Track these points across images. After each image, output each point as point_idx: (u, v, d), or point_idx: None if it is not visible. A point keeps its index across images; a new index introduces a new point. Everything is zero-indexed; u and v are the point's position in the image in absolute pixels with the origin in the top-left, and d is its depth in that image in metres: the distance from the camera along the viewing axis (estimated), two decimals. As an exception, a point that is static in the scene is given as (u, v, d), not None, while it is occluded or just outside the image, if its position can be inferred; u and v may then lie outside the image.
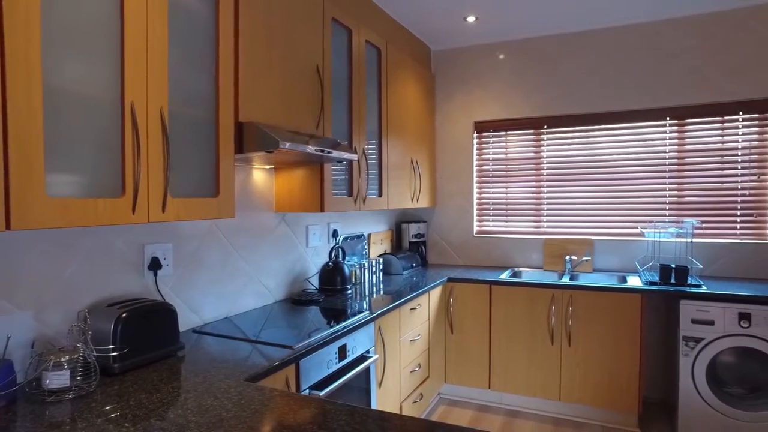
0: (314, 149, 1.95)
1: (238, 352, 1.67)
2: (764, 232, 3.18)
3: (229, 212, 1.73)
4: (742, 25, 3.16)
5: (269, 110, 1.96)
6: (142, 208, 1.38)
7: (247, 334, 1.91)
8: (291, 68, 2.10)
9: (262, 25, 1.92)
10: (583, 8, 3.18)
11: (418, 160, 3.57)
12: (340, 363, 1.99)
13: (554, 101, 3.63)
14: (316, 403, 1.24)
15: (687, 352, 2.78)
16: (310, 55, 2.24)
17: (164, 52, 1.45)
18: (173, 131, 1.52)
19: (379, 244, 3.61)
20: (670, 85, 3.33)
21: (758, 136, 3.18)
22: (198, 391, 1.32)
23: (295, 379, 1.71)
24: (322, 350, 1.86)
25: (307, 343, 1.78)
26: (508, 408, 3.27)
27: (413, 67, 3.46)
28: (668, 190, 3.37)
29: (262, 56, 1.92)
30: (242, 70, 1.81)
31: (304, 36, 2.19)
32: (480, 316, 3.26)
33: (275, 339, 1.82)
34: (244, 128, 1.81)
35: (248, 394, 1.29)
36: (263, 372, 1.51)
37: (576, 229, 3.60)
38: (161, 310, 1.60)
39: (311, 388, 1.79)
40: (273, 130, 1.84)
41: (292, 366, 1.68)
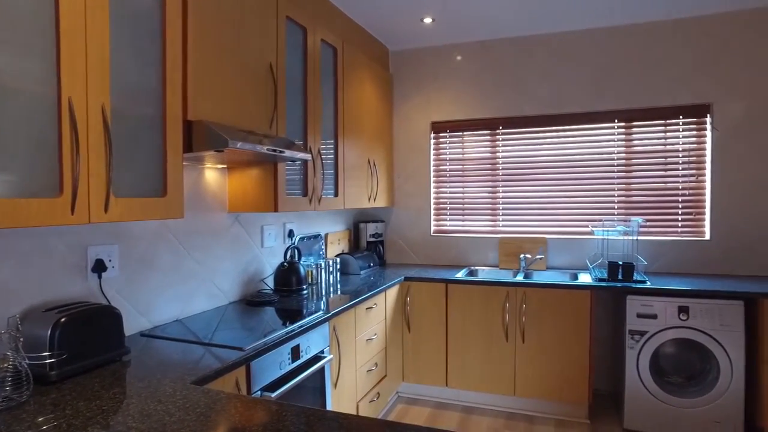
0: (266, 149, 1.92)
1: (187, 355, 1.64)
2: (702, 229, 3.35)
3: (177, 212, 1.69)
4: (683, 35, 3.32)
5: (220, 109, 1.93)
6: (81, 209, 1.33)
7: (198, 336, 1.87)
8: (243, 66, 2.07)
9: (212, 22, 1.88)
10: (537, 13, 3.26)
11: (376, 160, 3.58)
12: (294, 364, 1.98)
13: (509, 103, 3.71)
14: (264, 404, 1.22)
15: (632, 345, 2.90)
16: (264, 53, 2.21)
17: (105, 46, 1.40)
18: (117, 129, 1.47)
19: (337, 244, 3.60)
20: (619, 88, 3.47)
21: (696, 140, 3.35)
22: (141, 397, 1.28)
23: (246, 380, 1.68)
24: (275, 351, 1.84)
25: (258, 344, 1.76)
26: (464, 405, 3.32)
27: (371, 67, 3.47)
28: (617, 190, 3.51)
29: (213, 53, 1.89)
30: (191, 67, 1.77)
31: (257, 34, 2.16)
32: (437, 315, 3.30)
33: (226, 341, 1.79)
34: (193, 127, 1.77)
35: (194, 397, 1.27)
36: (211, 374, 1.48)
37: (530, 228, 3.70)
38: (104, 314, 1.55)
39: (263, 390, 1.77)
40: (223, 129, 1.81)
41: (242, 368, 1.65)
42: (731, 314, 2.74)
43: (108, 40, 1.41)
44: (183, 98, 1.75)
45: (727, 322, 2.74)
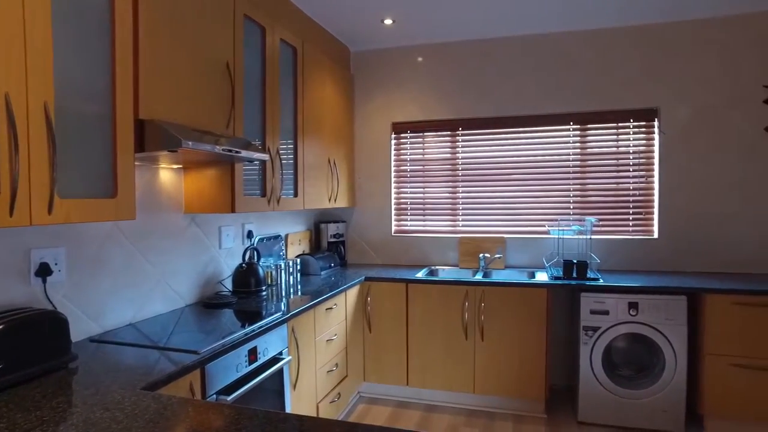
0: (221, 149, 1.89)
1: (139, 360, 1.59)
2: (651, 228, 3.49)
3: (128, 213, 1.64)
4: (633, 42, 3.46)
5: (174, 107, 1.89)
6: (22, 210, 1.28)
7: (152, 340, 1.82)
8: (199, 65, 2.03)
9: (165, 19, 1.84)
10: (496, 17, 3.33)
11: (336, 160, 3.58)
12: (251, 366, 1.96)
13: (469, 104, 3.77)
14: (217, 408, 1.21)
15: (586, 340, 2.99)
16: (220, 52, 2.18)
17: (47, 42, 1.35)
18: (62, 127, 1.42)
19: (297, 244, 3.58)
20: (574, 92, 3.58)
21: (645, 142, 3.49)
22: (87, 405, 1.24)
23: (201, 384, 1.65)
24: (231, 353, 1.82)
25: (214, 347, 1.73)
26: (425, 403, 3.36)
27: (331, 67, 3.46)
28: (572, 190, 3.61)
29: (166, 51, 1.84)
30: (143, 64, 1.73)
31: (213, 32, 2.12)
32: (397, 315, 3.32)
33: (181, 344, 1.75)
34: (145, 126, 1.73)
35: (144, 403, 1.24)
36: (164, 379, 1.45)
37: (489, 228, 3.77)
38: (48, 320, 1.49)
39: (219, 393, 1.75)
40: (177, 128, 1.77)
41: (197, 371, 1.62)
42: (675, 309, 2.87)
43: (50, 35, 1.36)
44: (134, 97, 1.70)
45: (672, 316, 2.87)
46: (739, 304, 2.80)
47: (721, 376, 2.84)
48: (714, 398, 2.86)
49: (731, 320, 2.81)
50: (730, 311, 2.81)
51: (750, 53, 3.29)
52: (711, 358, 2.85)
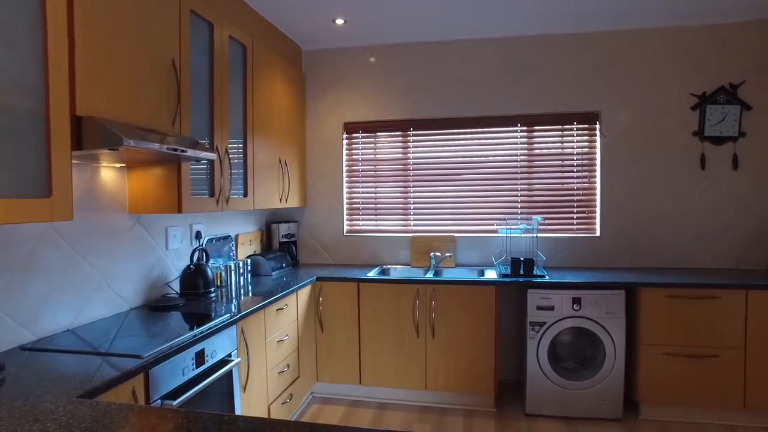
0: (165, 147, 1.85)
1: (76, 368, 1.53)
2: (594, 227, 3.66)
3: (65, 214, 1.57)
4: (577, 48, 3.60)
5: (115, 104, 1.82)
6: (-56, 211, 1.21)
7: (92, 346, 1.75)
8: (142, 61, 1.97)
9: (104, 11, 1.77)
10: (447, 20, 3.38)
11: (287, 160, 3.55)
12: (198, 369, 1.92)
13: (420, 105, 3.82)
14: (160, 413, 1.18)
15: (533, 335, 3.10)
16: (166, 48, 2.12)
17: (-26, 34, 1.28)
18: (-11, 123, 1.35)
19: (248, 245, 3.52)
20: (521, 94, 3.69)
21: (588, 144, 3.64)
22: (15, 417, 1.18)
23: (144, 389, 1.60)
24: (177, 357, 1.77)
25: (158, 351, 1.68)
26: (378, 401, 3.38)
27: (282, 65, 3.42)
28: (520, 190, 3.73)
29: (106, 45, 1.78)
30: (79, 58, 1.66)
31: (157, 27, 2.06)
32: (349, 314, 3.33)
33: (124, 349, 1.70)
34: (83, 123, 1.66)
35: (80, 412, 1.19)
36: (103, 386, 1.40)
37: (440, 227, 3.84)
38: (-24, 326, 1.41)
39: (164, 398, 1.70)
40: (117, 126, 1.71)
41: (139, 376, 1.58)
42: (615, 303, 3.01)
43: (-23, 26, 1.28)
44: (70, 92, 1.63)
45: (612, 309, 3.02)
46: (671, 297, 2.98)
47: (654, 365, 3.01)
48: (648, 385, 3.03)
49: (664, 312, 2.99)
50: (663, 304, 2.99)
51: (680, 63, 3.50)
52: (646, 348, 3.02)
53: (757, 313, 2.91)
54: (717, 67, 3.46)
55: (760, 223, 3.46)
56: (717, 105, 3.46)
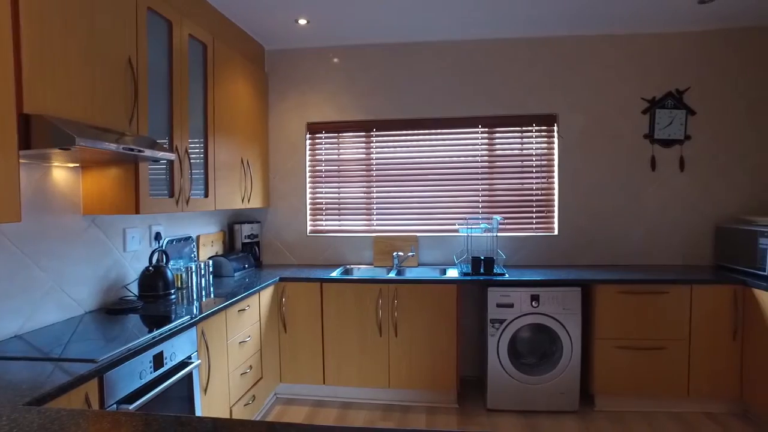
0: (122, 147, 1.81)
1: (23, 374, 1.49)
2: (552, 226, 3.77)
3: (11, 215, 1.53)
4: (537, 52, 3.71)
5: (68, 102, 1.78)
6: None
7: (42, 351, 1.70)
8: (97, 58, 1.92)
9: (53, 7, 1.72)
10: (409, 22, 3.42)
11: (250, 160, 3.52)
12: (157, 372, 1.89)
13: (384, 106, 3.86)
14: (112, 417, 1.16)
15: (493, 332, 3.17)
16: (122, 46, 2.08)
17: None
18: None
19: (210, 246, 3.48)
20: (482, 97, 3.77)
21: (546, 145, 3.76)
22: (-38, 422, 1.15)
23: (99, 394, 1.57)
24: (134, 360, 1.75)
25: (114, 354, 1.65)
26: (342, 401, 3.40)
27: (245, 65, 3.39)
28: (481, 190, 3.81)
29: (56, 40, 1.73)
30: (26, 53, 1.61)
31: (112, 24, 2.02)
32: (312, 314, 3.33)
33: (77, 353, 1.66)
34: (31, 121, 1.61)
35: (26, 420, 1.16)
36: (53, 392, 1.37)
37: (403, 227, 3.88)
38: None
39: (120, 403, 1.67)
40: (69, 124, 1.67)
41: (93, 381, 1.54)
42: (571, 299, 3.12)
43: None
44: (17, 88, 1.58)
45: (569, 306, 3.12)
46: (623, 293, 3.11)
47: (608, 358, 3.13)
48: (602, 378, 3.15)
49: (617, 307, 3.11)
50: (616, 299, 3.11)
51: (632, 69, 3.65)
52: (600, 342, 3.14)
53: (701, 307, 3.07)
54: (665, 74, 3.62)
55: (704, 221, 3.64)
56: (665, 109, 3.63)
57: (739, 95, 3.58)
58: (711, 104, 3.60)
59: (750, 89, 3.58)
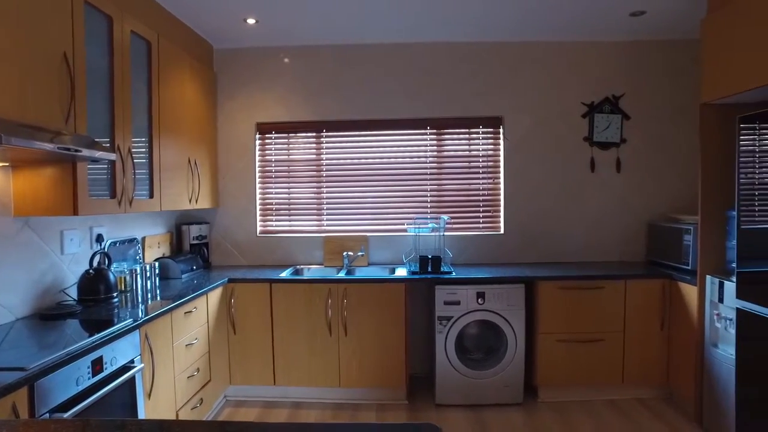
0: (56, 147, 1.76)
1: (-51, 382, 1.43)
2: (498, 225, 3.90)
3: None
4: (484, 56, 3.82)
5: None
6: None
7: (-33, 360, 1.63)
8: (26, 52, 1.86)
9: (-19, 2, 1.66)
10: (359, 24, 3.45)
11: (198, 160, 3.46)
12: (95, 378, 1.85)
13: (334, 106, 3.88)
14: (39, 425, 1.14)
15: (441, 329, 3.26)
16: (56, 40, 2.01)
17: None
18: None
19: (156, 247, 3.40)
20: (431, 99, 3.85)
21: (493, 147, 3.88)
22: None
23: (29, 403, 1.53)
24: (70, 366, 1.70)
25: (46, 361, 1.61)
26: (293, 401, 3.40)
27: (192, 63, 3.34)
28: (429, 190, 3.89)
29: (-17, 37, 1.67)
30: (-48, 51, 1.55)
31: (46, 18, 1.95)
32: (262, 315, 3.32)
33: (3, 362, 1.59)
34: (-43, 119, 1.55)
35: (-48, 427, 1.13)
36: (-20, 400, 1.32)
37: (353, 227, 3.91)
38: None
39: (53, 411, 1.63)
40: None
41: (22, 389, 1.50)
42: (515, 296, 3.24)
43: None
44: (-59, 87, 1.52)
45: (513, 302, 3.24)
46: (563, 289, 3.26)
47: (549, 351, 3.28)
48: (545, 370, 3.29)
49: (558, 302, 3.26)
50: (557, 295, 3.26)
51: (573, 75, 3.82)
52: (542, 336, 3.28)
53: (634, 300, 3.27)
54: (603, 80, 3.82)
55: (637, 219, 3.86)
56: (603, 114, 3.82)
57: (669, 102, 3.82)
58: (644, 110, 3.82)
59: (678, 96, 3.82)
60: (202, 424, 1.14)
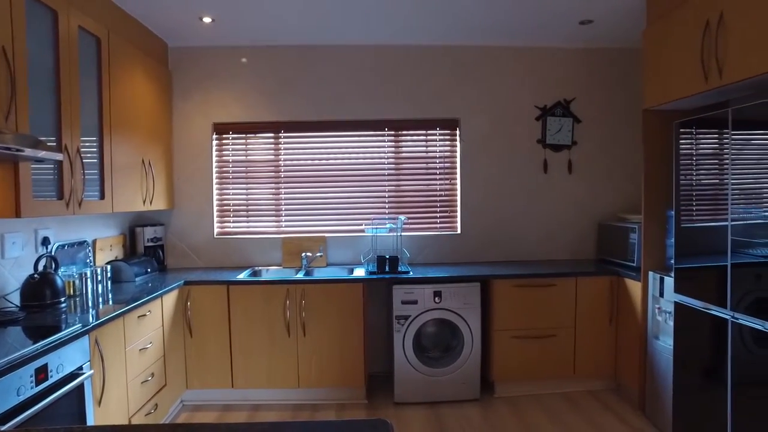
0: (-5, 147, 1.70)
1: None
2: (455, 224, 3.98)
3: None
4: (441, 59, 3.89)
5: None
6: None
7: None
8: (-36, 50, 1.78)
9: None
10: (316, 25, 3.45)
11: (152, 160, 3.39)
12: (39, 387, 1.79)
13: (292, 107, 3.86)
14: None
15: (399, 328, 3.30)
16: (-6, 34, 1.93)
17: None
18: None
19: (109, 250, 3.31)
20: (389, 100, 3.89)
21: (450, 148, 3.96)
22: None
23: (-35, 414, 1.47)
24: (9, 376, 1.64)
25: (-15, 370, 1.55)
26: (252, 403, 3.37)
27: (145, 61, 3.26)
28: (387, 191, 3.93)
29: None
30: None
31: (-16, 13, 1.88)
32: (219, 317, 3.28)
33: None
34: None
35: None
36: None
37: (312, 228, 3.91)
38: None
39: (-7, 421, 1.57)
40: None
41: (-42, 400, 1.44)
42: (471, 294, 3.32)
43: None
44: None
45: (469, 300, 3.32)
46: (517, 287, 3.36)
47: (505, 348, 3.37)
48: (500, 366, 3.38)
49: (512, 300, 3.36)
50: (511, 293, 3.36)
51: (528, 79, 3.94)
52: (498, 333, 3.37)
53: (584, 296, 3.40)
54: (556, 85, 3.95)
55: (589, 219, 4.01)
56: (555, 117, 3.95)
57: (618, 107, 3.99)
58: (594, 114, 3.98)
59: (627, 102, 3.99)
60: (152, 427, 1.13)
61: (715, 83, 2.36)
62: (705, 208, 2.47)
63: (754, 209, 2.15)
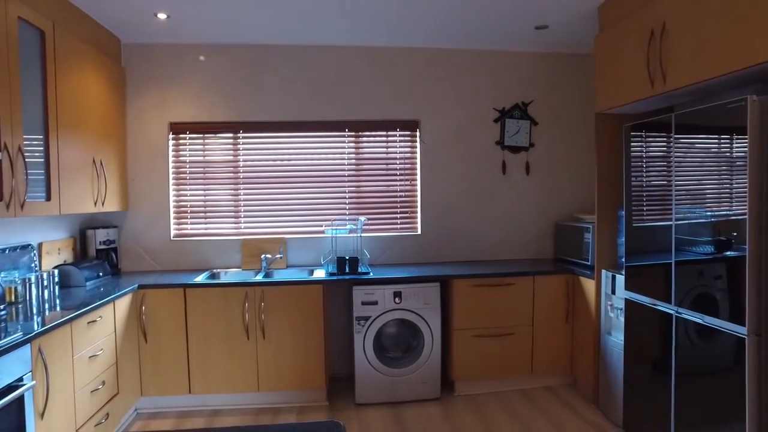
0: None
1: None
2: (416, 225, 4.00)
3: None
4: (401, 61, 3.91)
5: None
6: None
7: None
8: None
9: None
10: (274, 24, 3.40)
11: (104, 160, 3.27)
12: (-25, 399, 1.70)
13: (250, 107, 3.80)
14: None
15: (359, 329, 3.30)
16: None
17: None
18: None
19: (56, 254, 3.17)
20: (349, 101, 3.88)
21: (410, 149, 3.98)
22: None
23: None
24: (-57, 387, 1.56)
25: None
26: (210, 409, 3.30)
27: (96, 57, 3.15)
28: (348, 191, 3.92)
29: None
30: None
31: None
32: (176, 322, 3.20)
33: None
34: None
35: None
36: None
37: (272, 229, 3.86)
38: None
39: None
40: None
41: None
42: (431, 294, 3.35)
43: None
44: None
45: (429, 301, 3.34)
46: (476, 286, 3.41)
47: (465, 347, 3.41)
48: (461, 365, 3.42)
49: (471, 300, 3.40)
50: (470, 292, 3.40)
51: (487, 81, 4.01)
52: (458, 332, 3.41)
53: (541, 295, 3.48)
54: (514, 87, 4.03)
55: (546, 219, 4.11)
56: (513, 119, 4.03)
57: (574, 110, 4.11)
58: (551, 116, 4.08)
59: (583, 105, 4.11)
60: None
61: (660, 89, 2.46)
62: (654, 209, 2.57)
63: (697, 209, 2.25)
